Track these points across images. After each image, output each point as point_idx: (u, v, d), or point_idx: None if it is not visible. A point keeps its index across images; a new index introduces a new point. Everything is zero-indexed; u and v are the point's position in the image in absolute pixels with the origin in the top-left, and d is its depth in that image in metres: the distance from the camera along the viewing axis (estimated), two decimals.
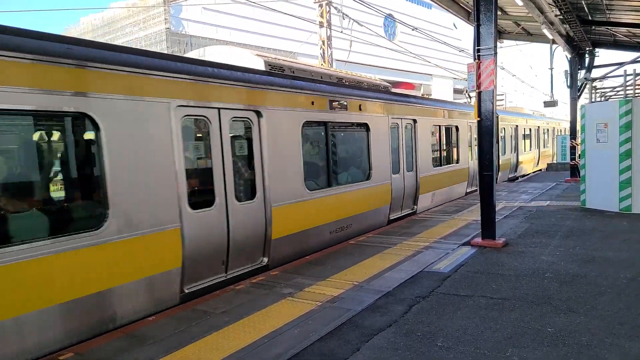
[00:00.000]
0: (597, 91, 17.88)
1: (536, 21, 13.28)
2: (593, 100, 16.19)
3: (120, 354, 4.16)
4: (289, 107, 7.40)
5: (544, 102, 21.05)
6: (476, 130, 7.86)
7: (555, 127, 30.44)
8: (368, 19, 25.79)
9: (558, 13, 12.88)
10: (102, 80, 4.81)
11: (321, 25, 20.04)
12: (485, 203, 7.69)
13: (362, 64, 38.31)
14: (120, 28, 34.07)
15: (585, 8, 12.88)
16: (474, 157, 14.79)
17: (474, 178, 15.03)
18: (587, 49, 17.48)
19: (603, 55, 18.74)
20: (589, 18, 13.95)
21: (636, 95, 13.27)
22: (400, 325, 4.53)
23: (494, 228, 7.71)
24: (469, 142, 15.06)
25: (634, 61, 16.17)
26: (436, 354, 3.90)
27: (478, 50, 7.49)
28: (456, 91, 47.26)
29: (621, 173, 10.03)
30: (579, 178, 11.94)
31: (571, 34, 15.47)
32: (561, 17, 13.29)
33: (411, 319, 4.66)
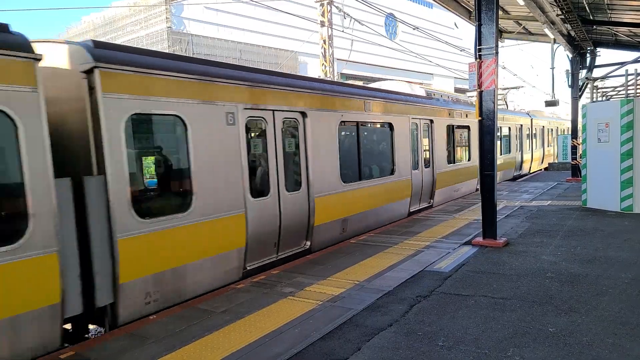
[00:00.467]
0: (599, 91, 17.83)
1: (537, 21, 13.27)
2: (594, 99, 16.15)
3: (121, 353, 4.16)
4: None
5: (545, 102, 21.01)
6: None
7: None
8: (369, 18, 25.78)
9: (559, 12, 12.87)
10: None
11: (322, 24, 20.03)
12: (486, 202, 7.69)
13: (364, 63, 38.27)
14: (121, 27, 34.10)
15: (586, 7, 12.87)
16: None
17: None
18: (589, 49, 17.46)
19: (604, 54, 18.75)
20: (591, 17, 13.94)
21: (637, 95, 13.24)
22: (401, 324, 4.53)
23: (495, 227, 7.70)
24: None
25: (635, 61, 16.14)
26: (437, 354, 3.89)
27: (479, 49, 7.47)
28: (457, 90, 47.24)
29: (622, 173, 10.02)
30: (580, 178, 11.92)
31: (572, 34, 15.45)
32: (562, 17, 13.28)
33: (412, 319, 4.66)
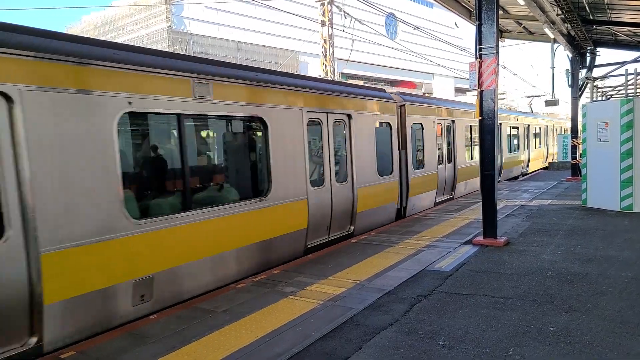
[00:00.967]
0: (598, 90, 17.86)
1: (537, 20, 13.26)
2: (594, 99, 16.16)
3: (121, 353, 4.16)
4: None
5: (545, 101, 21.03)
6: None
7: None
8: (370, 18, 25.76)
9: (559, 12, 12.87)
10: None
11: (323, 24, 20.00)
12: (486, 202, 7.69)
13: (364, 63, 38.26)
14: (121, 26, 34.08)
15: (586, 7, 12.87)
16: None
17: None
18: (589, 48, 17.46)
19: (604, 54, 18.75)
20: (591, 17, 13.93)
21: (637, 94, 13.25)
22: (402, 324, 4.53)
23: (496, 227, 7.71)
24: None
25: (635, 60, 16.14)
26: (438, 353, 3.90)
27: (480, 49, 7.47)
28: (457, 90, 47.24)
29: (622, 172, 10.02)
30: (580, 177, 11.93)
31: (572, 33, 15.45)
32: (562, 17, 13.27)
33: (413, 318, 4.66)
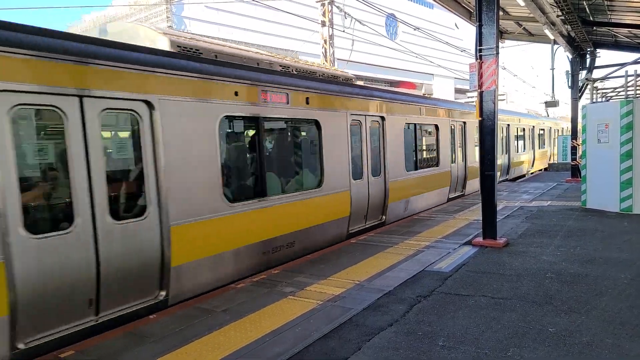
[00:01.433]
0: (598, 92, 17.83)
1: (538, 22, 13.27)
2: (594, 100, 16.15)
3: (121, 353, 4.17)
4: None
5: (545, 102, 21.06)
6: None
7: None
8: (370, 19, 25.76)
9: (560, 14, 12.88)
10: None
11: (323, 24, 20.01)
12: (486, 203, 7.70)
13: (364, 63, 38.26)
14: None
15: (586, 9, 12.87)
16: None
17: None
18: (589, 50, 17.46)
19: (604, 55, 18.77)
20: (591, 19, 13.93)
21: (637, 96, 13.25)
22: (401, 324, 4.54)
23: (495, 228, 7.71)
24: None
25: (635, 62, 16.13)
26: (437, 354, 3.90)
27: (480, 50, 7.48)
28: (457, 91, 47.21)
29: (622, 173, 10.03)
30: (580, 178, 11.93)
31: (572, 35, 15.46)
32: (563, 18, 13.28)
33: (412, 319, 4.67)
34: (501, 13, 13.90)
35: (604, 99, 17.56)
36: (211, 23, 33.14)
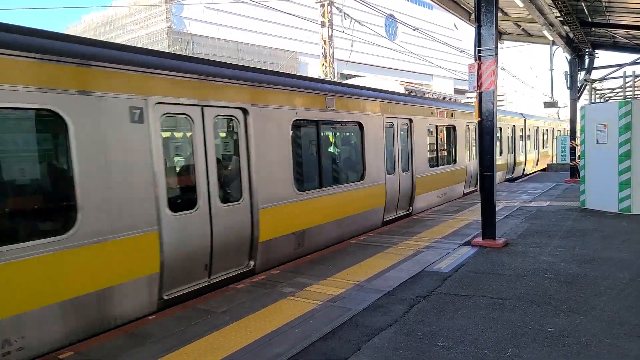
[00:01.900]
0: (597, 92, 17.87)
1: (536, 22, 13.29)
2: (593, 101, 16.18)
3: (120, 353, 4.17)
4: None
5: (544, 103, 21.07)
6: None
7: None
8: (369, 19, 25.77)
9: (558, 15, 12.89)
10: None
11: (323, 25, 20.04)
12: (485, 203, 7.71)
13: (364, 64, 38.27)
14: (121, 26, 34.05)
15: (585, 10, 12.89)
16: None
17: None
18: (587, 51, 17.48)
19: (603, 56, 18.87)
20: (589, 20, 13.96)
21: (635, 96, 13.28)
22: (400, 325, 4.55)
23: (495, 228, 7.73)
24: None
25: (634, 63, 16.18)
26: (437, 354, 3.91)
27: (479, 51, 7.49)
28: (457, 91, 47.25)
29: (621, 174, 10.05)
30: (579, 178, 11.95)
31: (571, 36, 15.48)
32: (561, 19, 13.30)
33: (412, 319, 4.68)
34: (500, 14, 13.93)
35: (603, 100, 17.60)
36: (211, 23, 33.13)
